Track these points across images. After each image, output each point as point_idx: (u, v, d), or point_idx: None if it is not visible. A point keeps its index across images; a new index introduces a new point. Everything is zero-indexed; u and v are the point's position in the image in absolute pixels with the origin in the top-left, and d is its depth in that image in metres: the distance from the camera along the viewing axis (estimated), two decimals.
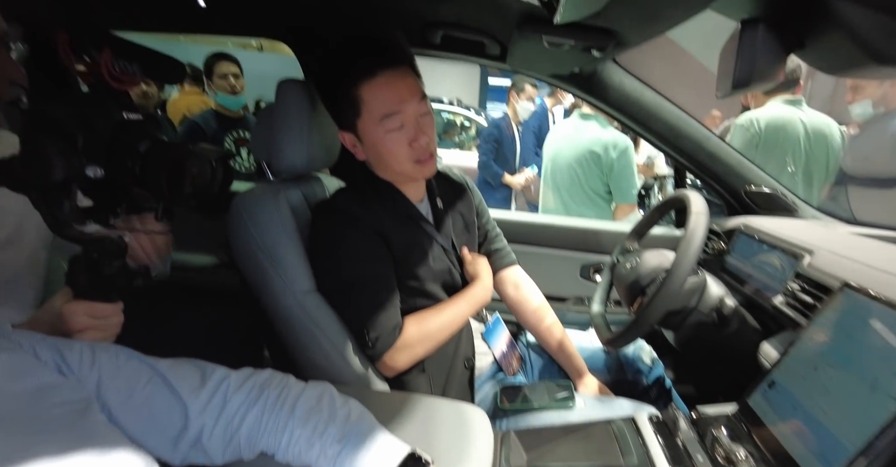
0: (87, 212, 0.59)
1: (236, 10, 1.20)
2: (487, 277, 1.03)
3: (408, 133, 0.86)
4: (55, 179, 0.53)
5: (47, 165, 0.52)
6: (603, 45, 0.86)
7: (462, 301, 0.97)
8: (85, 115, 0.57)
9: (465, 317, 0.97)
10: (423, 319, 0.91)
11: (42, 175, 0.53)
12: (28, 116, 0.56)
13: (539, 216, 1.93)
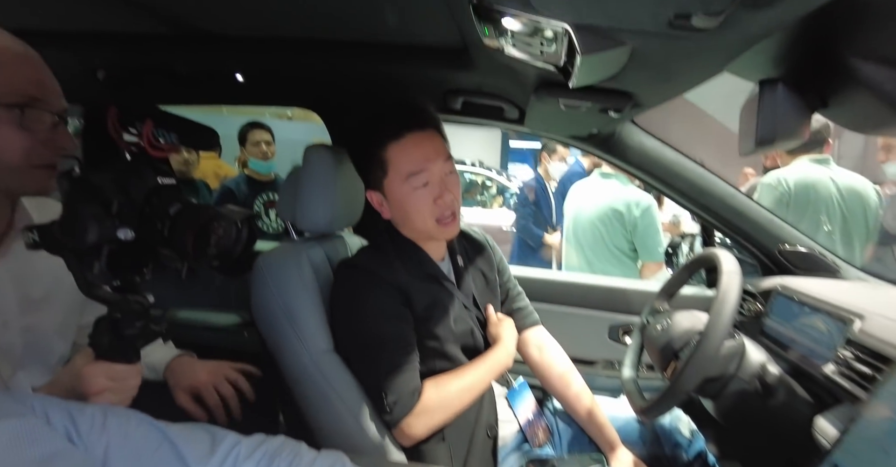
0: (115, 272, 0.60)
1: (270, 83, 1.30)
2: (510, 340, 0.99)
3: (433, 190, 0.89)
4: (88, 242, 0.56)
5: (83, 229, 0.56)
6: (620, 106, 0.88)
7: (483, 365, 0.93)
8: (123, 181, 0.60)
9: (486, 382, 0.93)
10: (443, 383, 0.87)
11: (77, 238, 0.56)
12: (73, 184, 0.60)
13: (563, 274, 1.90)
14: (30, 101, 0.65)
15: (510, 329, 1.02)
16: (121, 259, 0.61)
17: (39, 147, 0.67)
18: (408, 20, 0.89)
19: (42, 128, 0.67)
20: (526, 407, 1.03)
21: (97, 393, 0.62)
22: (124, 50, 1.12)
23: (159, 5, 0.91)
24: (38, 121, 0.66)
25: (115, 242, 0.58)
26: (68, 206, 0.57)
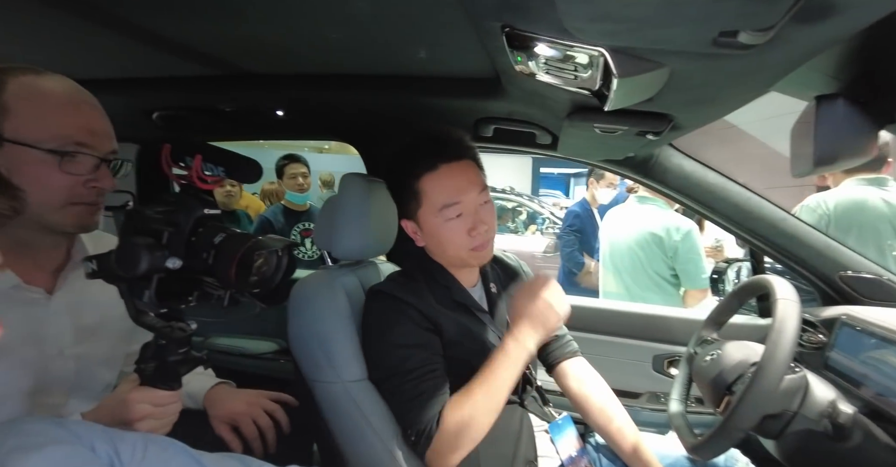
0: (162, 300, 0.63)
1: (307, 117, 1.35)
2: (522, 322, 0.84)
3: (466, 222, 0.90)
4: (140, 271, 0.59)
5: (136, 259, 0.58)
6: (658, 129, 0.85)
7: (493, 369, 0.82)
8: (172, 212, 0.63)
9: (505, 386, 0.81)
10: (458, 404, 0.81)
11: (130, 267, 0.59)
12: (127, 216, 0.63)
13: (603, 301, 1.83)
14: (75, 148, 0.69)
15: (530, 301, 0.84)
16: (169, 287, 0.63)
17: (79, 187, 0.71)
18: (440, 52, 0.92)
19: (84, 170, 0.70)
20: (568, 442, 0.98)
21: (140, 419, 0.63)
22: (175, 92, 1.20)
23: (206, 49, 0.97)
24: (80, 165, 0.70)
25: (164, 271, 0.61)
26: (123, 238, 0.61)
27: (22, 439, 0.46)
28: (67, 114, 0.70)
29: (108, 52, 1.01)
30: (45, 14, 0.79)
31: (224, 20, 0.82)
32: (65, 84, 0.72)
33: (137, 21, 0.82)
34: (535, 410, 1.00)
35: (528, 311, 0.84)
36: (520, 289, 0.88)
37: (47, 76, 0.71)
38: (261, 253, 0.62)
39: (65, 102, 0.70)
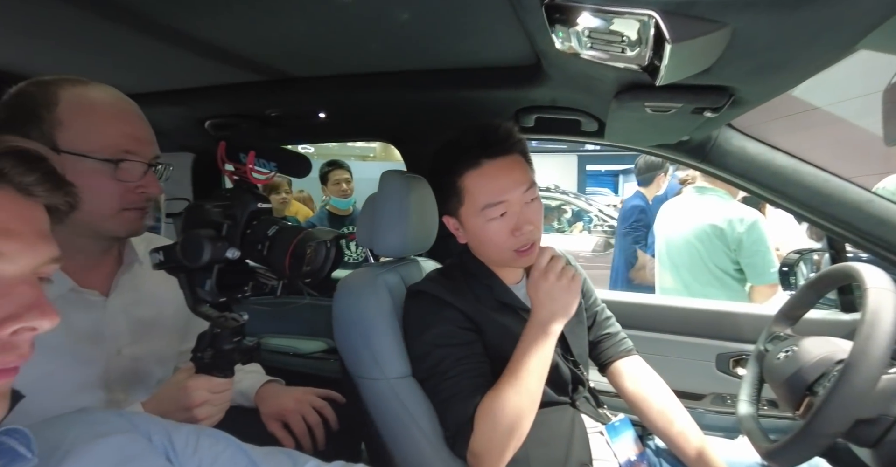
0: (221, 289, 0.66)
1: (349, 119, 1.37)
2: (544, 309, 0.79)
3: (509, 222, 0.85)
4: (204, 261, 0.62)
5: (199, 249, 0.62)
6: (716, 104, 0.78)
7: (518, 358, 0.77)
8: (230, 206, 0.67)
9: (533, 377, 0.76)
10: (487, 403, 0.77)
11: (195, 257, 0.62)
12: (189, 211, 0.67)
13: (659, 297, 1.73)
14: (124, 155, 0.72)
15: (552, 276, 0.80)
16: (226, 278, 0.67)
17: (130, 193, 0.74)
18: (477, 40, 0.89)
19: (133, 177, 0.73)
20: (626, 445, 0.91)
21: (199, 404, 0.66)
22: (225, 99, 1.24)
23: (253, 56, 0.99)
24: (130, 172, 0.73)
25: (224, 261, 0.64)
26: (187, 231, 0.64)
27: (87, 428, 0.48)
28: (115, 123, 0.73)
29: (163, 64, 1.06)
30: (107, 30, 0.83)
31: (269, 26, 0.83)
32: (110, 93, 0.75)
33: (190, 32, 0.86)
34: (588, 411, 0.95)
35: (543, 295, 0.80)
36: (530, 273, 0.83)
37: (93, 86, 0.74)
38: (311, 244, 0.64)
39: (112, 112, 0.73)
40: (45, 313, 0.38)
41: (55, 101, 0.69)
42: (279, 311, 1.64)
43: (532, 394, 0.76)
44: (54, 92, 0.70)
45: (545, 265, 0.82)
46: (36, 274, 0.40)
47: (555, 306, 0.79)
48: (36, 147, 0.41)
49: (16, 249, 0.38)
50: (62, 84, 0.71)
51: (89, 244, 0.76)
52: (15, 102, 0.69)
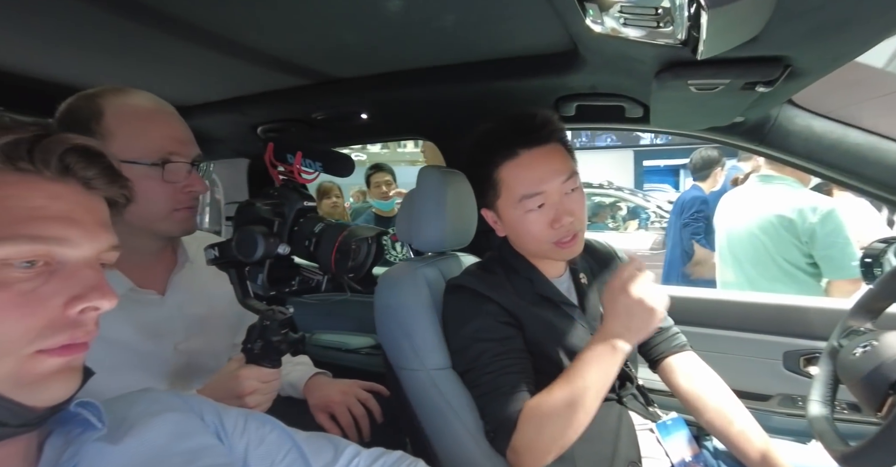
0: (272, 283, 0.70)
1: (389, 118, 1.39)
2: (620, 323, 0.72)
3: (548, 213, 0.83)
4: (257, 256, 0.66)
5: (253, 245, 0.66)
6: (769, 77, 0.72)
7: (586, 363, 0.73)
8: (278, 204, 0.71)
9: (591, 391, 0.72)
10: (537, 405, 0.74)
11: (248, 253, 0.66)
12: (241, 209, 0.72)
13: (719, 292, 1.63)
14: (168, 157, 0.76)
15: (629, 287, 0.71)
16: (275, 272, 0.70)
17: (179, 194, 0.78)
18: (511, 29, 0.88)
19: (180, 177, 0.78)
20: (679, 444, 0.86)
21: (250, 393, 0.70)
22: (275, 105, 1.31)
23: (299, 60, 1.04)
24: (176, 173, 0.77)
25: (275, 257, 0.68)
26: (240, 228, 0.68)
27: (148, 405, 0.53)
28: (157, 127, 0.77)
29: (217, 74, 1.13)
30: (164, 44, 0.90)
31: (314, 29, 0.86)
32: (149, 99, 0.79)
33: (241, 40, 0.90)
34: (636, 408, 0.91)
35: (621, 308, 0.72)
36: (610, 282, 0.75)
37: (133, 93, 0.78)
38: (355, 240, 0.67)
39: (153, 116, 0.78)
40: (105, 294, 0.42)
41: (101, 111, 0.73)
42: (330, 308, 1.70)
43: (587, 408, 0.71)
44: (99, 103, 0.74)
45: (627, 276, 0.73)
46: (98, 259, 0.44)
47: (631, 323, 0.72)
48: (95, 144, 0.45)
49: (80, 236, 0.42)
50: (105, 95, 0.76)
51: (145, 246, 0.82)
52: (67, 118, 0.75)
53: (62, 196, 0.42)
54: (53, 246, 0.40)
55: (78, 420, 0.45)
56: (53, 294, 0.40)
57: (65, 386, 0.41)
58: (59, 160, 0.42)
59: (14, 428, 0.39)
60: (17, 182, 0.40)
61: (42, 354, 0.39)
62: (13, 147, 0.40)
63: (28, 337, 0.38)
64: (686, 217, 2.68)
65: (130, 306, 0.77)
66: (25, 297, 0.38)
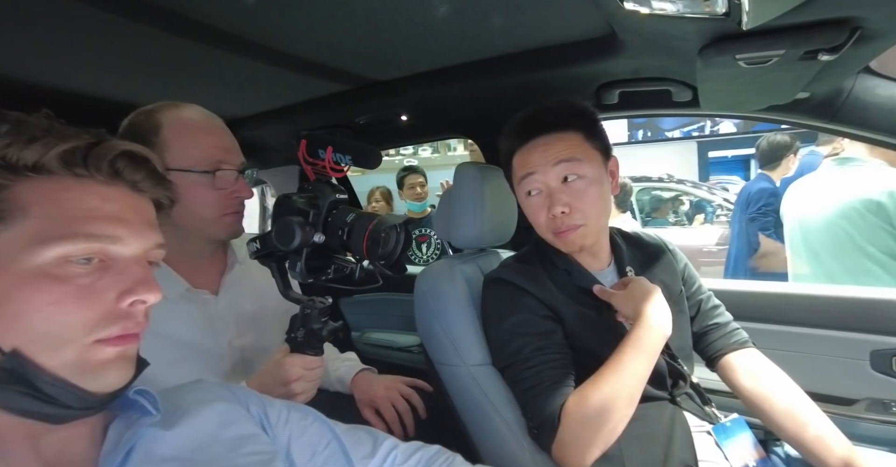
0: (310, 271, 0.75)
1: (428, 118, 1.40)
2: (652, 310, 0.75)
3: (543, 200, 0.84)
4: (295, 245, 0.71)
5: (291, 234, 0.70)
6: (833, 43, 0.64)
7: (624, 359, 0.73)
8: (313, 197, 0.75)
9: (635, 377, 0.72)
10: (582, 396, 0.72)
11: (287, 241, 0.71)
12: (279, 202, 0.76)
13: (791, 285, 1.49)
14: (218, 165, 0.82)
15: (641, 290, 0.78)
16: (312, 261, 0.74)
17: (227, 199, 0.84)
18: (546, 16, 0.86)
19: (228, 184, 0.83)
20: (743, 449, 0.79)
21: (295, 379, 0.74)
22: (320, 112, 1.36)
23: (340, 65, 1.07)
24: (225, 180, 0.83)
25: (312, 245, 0.72)
26: (279, 218, 0.73)
27: (200, 394, 0.57)
28: (207, 137, 0.83)
29: (265, 85, 1.20)
30: (214, 57, 0.96)
31: (352, 33, 0.89)
32: (199, 112, 0.86)
33: (284, 49, 0.95)
34: (691, 408, 0.85)
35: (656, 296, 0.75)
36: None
37: (185, 107, 0.85)
38: (384, 227, 0.70)
39: (203, 128, 0.84)
40: (151, 289, 0.45)
41: (159, 125, 0.80)
42: (379, 307, 1.74)
43: (632, 395, 0.71)
44: (157, 118, 0.81)
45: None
46: (145, 256, 0.48)
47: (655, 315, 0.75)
48: (141, 149, 0.49)
49: (129, 235, 0.45)
50: (162, 110, 0.82)
51: (198, 249, 0.87)
52: (129, 132, 0.81)
53: (113, 198, 0.45)
54: (107, 244, 0.43)
55: (137, 406, 0.49)
56: (107, 288, 0.43)
57: (120, 373, 0.45)
58: (110, 165, 0.45)
59: (77, 411, 0.43)
60: (73, 186, 0.44)
61: (100, 343, 0.43)
62: (70, 154, 0.43)
63: (86, 327, 0.42)
64: (752, 211, 2.48)
65: (187, 305, 0.83)
66: (84, 291, 0.42)
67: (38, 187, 0.42)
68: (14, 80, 0.97)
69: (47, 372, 0.40)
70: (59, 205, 0.42)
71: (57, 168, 0.43)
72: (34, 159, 0.42)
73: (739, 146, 11.35)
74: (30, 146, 0.42)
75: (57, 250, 0.41)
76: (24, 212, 0.41)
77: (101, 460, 0.45)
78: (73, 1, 0.68)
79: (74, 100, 1.12)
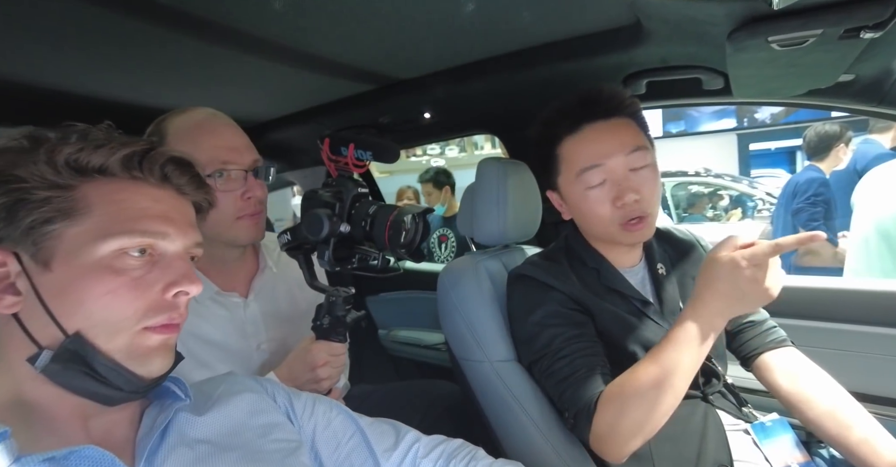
0: (337, 260, 0.79)
1: (451, 115, 1.40)
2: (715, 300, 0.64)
3: (611, 190, 0.78)
4: (324, 234, 0.75)
5: (320, 225, 0.75)
6: (878, 18, 0.60)
7: (665, 346, 0.67)
8: (337, 191, 0.80)
9: (679, 370, 0.65)
10: (619, 384, 0.69)
11: (316, 231, 0.75)
12: (306, 196, 0.81)
13: (844, 281, 1.41)
14: (223, 166, 0.80)
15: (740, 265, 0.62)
16: (337, 251, 0.78)
17: (239, 201, 0.82)
18: (568, 6, 0.84)
19: (236, 185, 0.81)
20: (784, 450, 0.75)
21: (322, 365, 0.78)
22: (345, 112, 1.38)
23: (363, 65, 1.09)
24: (233, 181, 0.81)
25: (338, 235, 0.76)
26: (308, 211, 0.77)
27: (230, 385, 0.61)
28: (209, 138, 0.81)
29: (290, 87, 1.22)
30: (240, 61, 0.98)
31: (374, 32, 0.90)
32: (202, 113, 0.85)
33: (308, 49, 0.96)
34: (725, 406, 0.81)
35: (723, 283, 0.63)
36: (716, 254, 0.65)
37: (190, 111, 0.84)
38: (405, 217, 0.73)
39: (206, 129, 0.82)
40: (192, 281, 0.50)
41: (165, 134, 0.80)
42: (406, 306, 1.75)
43: (675, 389, 0.65)
44: (164, 127, 0.81)
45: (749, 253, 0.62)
46: (187, 253, 0.52)
47: (737, 303, 0.64)
48: (187, 156, 0.54)
49: (175, 232, 0.50)
50: (169, 118, 0.83)
51: (223, 254, 0.87)
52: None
53: (162, 199, 0.50)
54: (158, 239, 0.48)
55: (170, 393, 0.53)
56: (155, 280, 0.48)
57: (163, 360, 0.49)
58: (160, 169, 0.51)
59: (126, 394, 0.47)
60: (129, 187, 0.49)
61: (147, 331, 0.47)
62: (129, 158, 0.49)
63: (137, 315, 0.46)
64: (800, 201, 2.35)
65: (217, 308, 0.84)
66: (136, 282, 0.47)
67: (100, 188, 0.47)
68: (53, 91, 1.03)
69: (103, 355, 0.45)
70: (117, 204, 0.47)
71: (118, 171, 0.48)
72: (101, 162, 0.47)
73: (784, 137, 10.79)
74: (97, 151, 0.47)
75: (115, 244, 0.46)
76: (88, 211, 0.46)
77: (139, 441, 0.49)
78: (106, 10, 0.72)
79: (108, 107, 1.17)
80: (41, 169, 0.45)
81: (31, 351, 0.44)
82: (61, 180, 0.46)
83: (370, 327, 1.85)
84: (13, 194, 0.44)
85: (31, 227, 0.44)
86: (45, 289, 0.45)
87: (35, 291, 0.44)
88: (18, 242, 0.45)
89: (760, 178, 7.37)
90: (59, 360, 0.44)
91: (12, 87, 0.97)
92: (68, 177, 0.46)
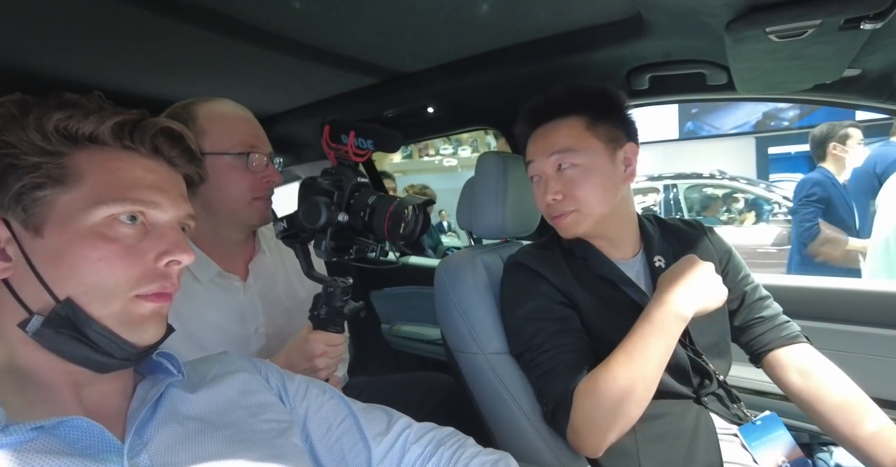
0: (334, 250, 0.78)
1: (454, 109, 1.40)
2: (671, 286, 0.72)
3: (540, 186, 0.85)
4: (321, 223, 0.74)
5: (317, 213, 0.74)
6: (877, 8, 0.59)
7: (638, 333, 0.70)
8: (337, 180, 0.79)
9: (650, 360, 0.68)
10: (592, 378, 0.71)
11: (314, 220, 0.75)
12: (304, 184, 0.81)
13: (863, 282, 1.37)
14: (251, 149, 0.87)
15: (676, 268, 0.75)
16: (335, 241, 0.78)
17: (258, 183, 0.88)
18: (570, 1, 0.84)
19: (259, 168, 0.88)
20: (775, 449, 0.74)
21: (319, 355, 0.78)
22: (350, 106, 1.39)
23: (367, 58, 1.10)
24: (257, 163, 0.88)
25: (336, 224, 0.76)
26: (306, 199, 0.76)
27: (225, 365, 0.62)
28: (240, 125, 0.89)
29: (296, 80, 1.24)
30: (247, 52, 1.00)
31: (377, 25, 0.91)
32: (232, 105, 0.92)
33: (313, 42, 0.98)
34: (719, 409, 0.81)
35: (684, 276, 0.71)
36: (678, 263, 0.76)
37: (219, 101, 0.91)
38: (405, 208, 0.72)
39: (236, 117, 0.90)
40: (185, 250, 0.50)
41: (195, 115, 0.86)
42: (409, 301, 1.76)
43: (647, 379, 0.68)
44: (193, 109, 0.87)
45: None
46: (179, 223, 0.53)
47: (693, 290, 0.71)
48: (178, 127, 0.54)
49: (167, 202, 0.50)
50: (197, 102, 0.89)
51: (231, 234, 0.91)
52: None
53: (154, 170, 0.51)
54: (150, 208, 0.48)
55: (162, 368, 0.54)
56: (148, 249, 0.48)
57: (155, 329, 0.49)
58: (151, 140, 0.51)
59: (118, 361, 0.47)
60: (121, 157, 0.49)
61: (140, 299, 0.47)
62: (120, 127, 0.49)
63: (129, 283, 0.46)
64: (796, 202, 2.35)
65: (217, 291, 0.87)
66: (128, 250, 0.47)
67: (92, 156, 0.47)
68: (60, 80, 1.06)
69: (96, 321, 0.45)
70: (110, 172, 0.47)
71: (109, 139, 0.48)
72: (91, 130, 0.47)
73: (803, 141, 10.55)
74: (87, 118, 0.47)
75: (107, 210, 0.46)
76: (80, 178, 0.46)
77: (130, 413, 0.50)
78: (113, 2, 0.74)
79: (113, 98, 1.20)
80: (30, 135, 0.45)
81: (22, 318, 0.45)
82: (51, 147, 0.46)
83: (373, 321, 1.86)
84: (2, 160, 0.44)
85: (21, 193, 0.45)
86: (37, 255, 0.45)
87: (26, 257, 0.45)
88: (8, 208, 0.45)
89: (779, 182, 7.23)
90: (50, 325, 0.44)
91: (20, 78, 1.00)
92: (58, 143, 0.46)
